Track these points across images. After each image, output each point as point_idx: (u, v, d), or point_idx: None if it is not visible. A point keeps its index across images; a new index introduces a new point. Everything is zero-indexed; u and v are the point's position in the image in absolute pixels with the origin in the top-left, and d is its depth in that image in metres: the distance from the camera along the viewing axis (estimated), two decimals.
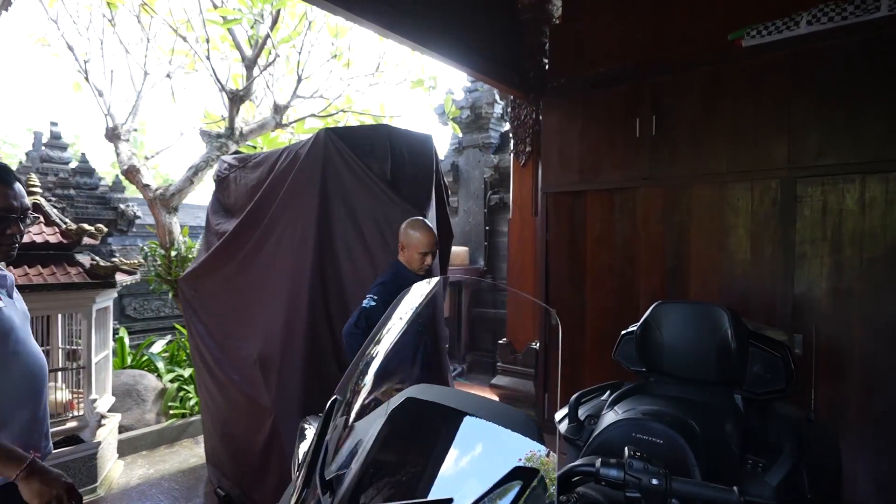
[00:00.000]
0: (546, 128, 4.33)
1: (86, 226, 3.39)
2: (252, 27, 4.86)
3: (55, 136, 6.25)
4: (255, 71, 4.91)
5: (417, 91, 6.22)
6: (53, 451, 3.14)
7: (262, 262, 3.02)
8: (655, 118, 3.64)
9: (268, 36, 4.78)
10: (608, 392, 2.26)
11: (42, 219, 3.36)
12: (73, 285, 3.15)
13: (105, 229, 3.83)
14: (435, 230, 3.41)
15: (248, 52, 4.93)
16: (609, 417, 2.01)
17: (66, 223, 3.42)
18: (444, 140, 7.98)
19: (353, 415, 1.15)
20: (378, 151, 2.99)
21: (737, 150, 3.31)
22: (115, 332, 5.11)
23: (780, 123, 3.15)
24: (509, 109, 4.86)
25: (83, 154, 6.09)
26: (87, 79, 5.17)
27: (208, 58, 4.65)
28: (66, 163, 6.04)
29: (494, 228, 7.29)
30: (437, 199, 3.50)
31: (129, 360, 4.98)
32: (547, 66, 4.56)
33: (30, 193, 3.44)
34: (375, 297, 2.42)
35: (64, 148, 6.25)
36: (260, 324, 2.92)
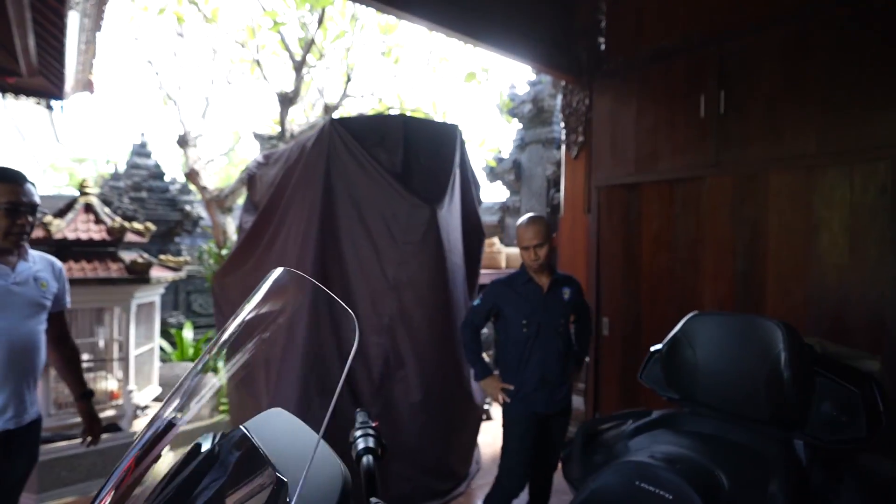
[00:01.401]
0: (597, 113, 3.86)
1: (127, 223, 3.54)
2: (302, 28, 4.91)
3: (142, 146, 6.88)
4: (304, 71, 4.95)
5: (479, 88, 5.94)
6: None
7: (273, 259, 2.93)
8: (724, 93, 3.05)
9: (314, 36, 4.80)
10: (630, 421, 1.84)
11: (93, 217, 3.57)
12: (110, 280, 3.30)
13: (153, 228, 4.01)
14: (458, 226, 3.14)
15: (298, 54, 4.99)
16: (619, 456, 1.60)
17: (113, 220, 3.61)
18: (508, 138, 7.67)
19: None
20: (389, 142, 2.78)
21: (830, 125, 2.65)
22: (181, 326, 5.40)
23: (892, 88, 2.46)
24: (561, 97, 4.43)
25: (157, 160, 6.65)
26: (163, 90, 5.55)
27: (258, 62, 4.76)
28: (150, 168, 6.63)
29: (557, 229, 6.80)
30: (462, 193, 3.22)
31: (189, 352, 5.23)
32: (603, 46, 4.07)
33: (83, 194, 3.68)
34: (481, 297, 2.54)
35: (148, 155, 6.86)
36: None
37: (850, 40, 2.59)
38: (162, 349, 5.68)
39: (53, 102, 7.50)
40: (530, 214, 2.50)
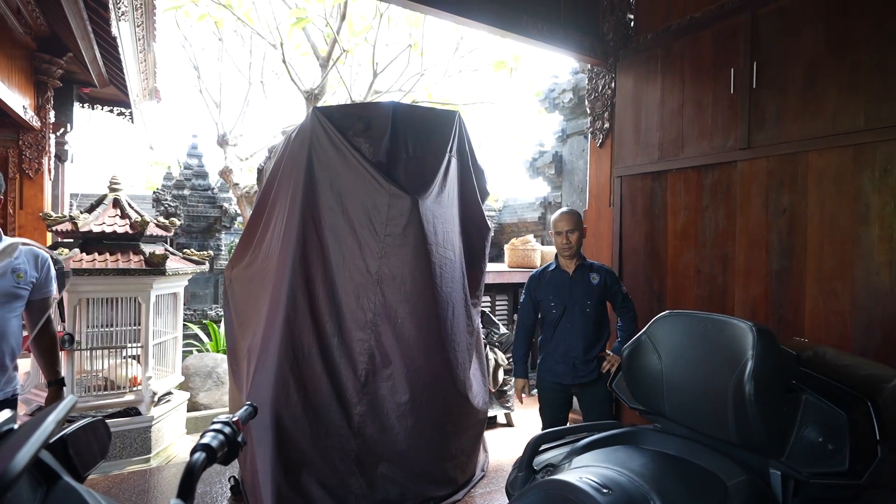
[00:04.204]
0: (621, 95, 3.53)
1: (149, 217, 3.71)
2: (327, 24, 4.94)
3: (193, 147, 7.31)
4: (330, 67, 4.98)
5: (511, 77, 5.72)
6: (109, 421, 3.48)
7: (263, 252, 2.92)
8: (756, 64, 2.66)
9: (339, 32, 4.81)
10: (586, 436, 1.60)
11: (119, 212, 3.77)
12: (129, 271, 3.46)
13: (178, 223, 4.18)
14: (454, 218, 2.97)
15: (323, 50, 5.04)
16: (561, 472, 1.39)
17: (141, 217, 3.79)
18: (551, 130, 7.33)
19: None
20: (374, 131, 2.67)
21: (883, 93, 2.21)
22: (220, 319, 5.62)
23: None
24: (586, 81, 4.11)
25: (200, 158, 7.04)
26: (204, 93, 5.83)
27: (284, 61, 4.85)
28: (194, 168, 7.06)
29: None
30: (462, 184, 3.04)
31: (223, 344, 5.44)
32: (633, 22, 3.73)
33: (112, 190, 3.89)
34: (524, 292, 2.84)
35: (199, 156, 7.27)
36: (254, 315, 2.82)
37: None
38: (199, 340, 5.99)
39: (126, 111, 8.14)
40: (566, 208, 2.92)
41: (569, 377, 2.65)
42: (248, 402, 1.14)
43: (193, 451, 0.92)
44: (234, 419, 1.04)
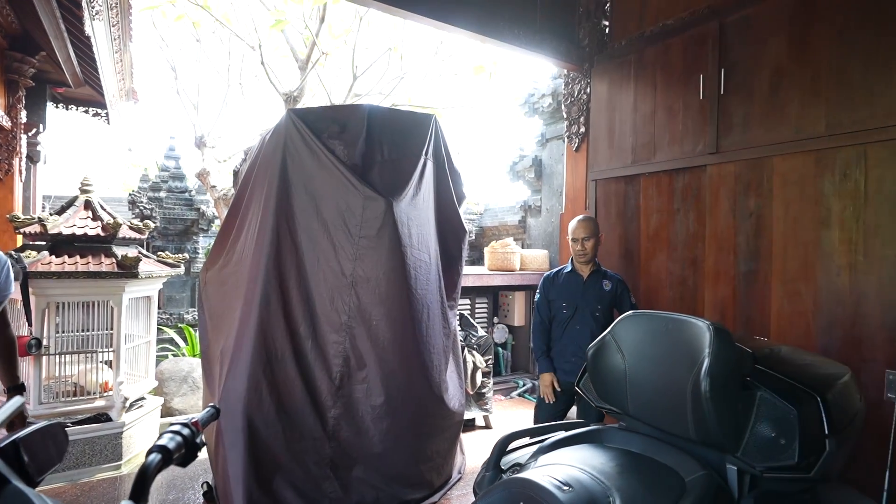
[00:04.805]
0: (595, 99, 3.59)
1: (122, 219, 3.64)
2: (306, 27, 4.93)
3: (170, 149, 7.21)
4: (309, 70, 4.97)
5: (491, 81, 5.76)
6: (78, 427, 3.40)
7: (237, 255, 2.89)
8: (724, 71, 2.73)
9: (318, 35, 4.80)
10: (554, 434, 1.62)
11: (90, 214, 3.70)
12: (99, 274, 3.39)
13: (153, 225, 4.11)
14: (430, 220, 2.98)
15: (303, 53, 5.02)
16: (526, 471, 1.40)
17: (114, 219, 3.72)
18: (531, 134, 7.39)
19: None
20: (349, 133, 2.67)
21: (842, 101, 2.29)
22: (195, 325, 5.53)
23: None
24: (563, 86, 4.17)
25: (177, 160, 6.95)
26: (181, 94, 5.75)
27: (263, 63, 4.82)
28: (170, 170, 6.96)
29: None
30: (438, 186, 3.06)
31: (198, 347, 5.35)
32: (608, 29, 3.79)
33: (84, 192, 3.82)
34: (538, 293, 2.98)
35: (177, 158, 7.17)
36: (228, 318, 2.78)
37: (865, 1, 2.22)
38: (175, 344, 5.89)
39: (102, 112, 7.97)
40: (583, 214, 3.05)
41: (574, 375, 2.70)
42: (212, 405, 1.14)
43: (149, 453, 0.91)
44: (194, 420, 1.03)
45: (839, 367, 1.41)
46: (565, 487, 1.15)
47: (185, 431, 0.99)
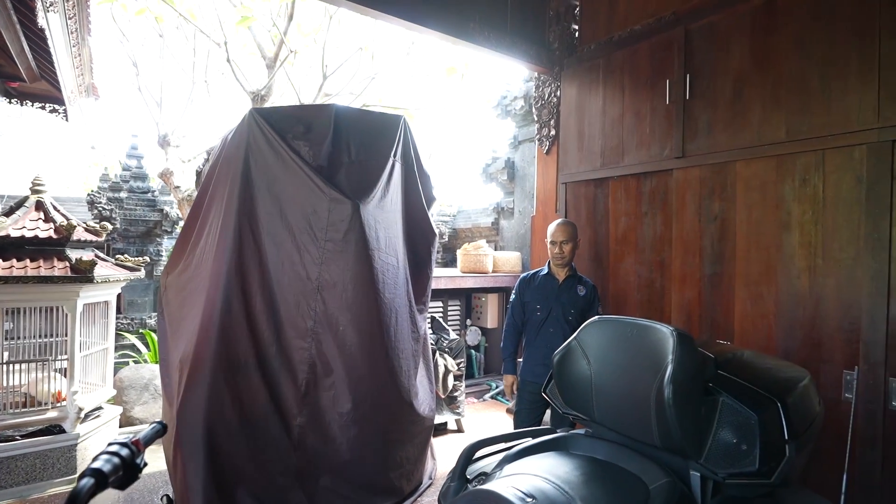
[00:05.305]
0: (565, 103, 3.60)
1: (76, 221, 3.47)
2: (273, 24, 4.81)
3: (133, 147, 6.95)
4: (278, 69, 4.85)
5: (463, 83, 5.74)
6: (28, 440, 3.22)
7: (198, 258, 2.78)
8: (689, 77, 2.77)
9: (286, 32, 4.69)
10: (520, 442, 1.59)
11: (42, 215, 3.51)
12: (51, 278, 3.22)
13: (111, 227, 3.94)
14: (397, 222, 2.93)
15: (271, 51, 4.90)
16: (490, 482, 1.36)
17: (68, 220, 3.54)
18: (504, 136, 7.41)
19: None
20: (315, 134, 2.60)
21: (801, 109, 2.34)
22: (157, 330, 5.32)
23: (866, 61, 2.14)
24: (533, 89, 4.18)
25: (140, 159, 6.71)
26: (143, 92, 5.55)
27: (229, 60, 4.68)
28: (132, 169, 6.71)
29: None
30: (407, 188, 3.01)
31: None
32: (577, 33, 3.82)
33: (35, 192, 3.63)
34: (513, 293, 2.96)
35: (140, 157, 6.92)
36: (188, 324, 2.68)
37: (822, 7, 2.28)
38: (137, 351, 5.67)
39: (60, 108, 7.64)
40: (563, 218, 3.12)
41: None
42: (157, 421, 1.07)
43: (81, 477, 0.84)
44: (134, 439, 0.96)
45: (799, 371, 1.42)
46: (529, 499, 1.13)
47: (124, 452, 0.92)
